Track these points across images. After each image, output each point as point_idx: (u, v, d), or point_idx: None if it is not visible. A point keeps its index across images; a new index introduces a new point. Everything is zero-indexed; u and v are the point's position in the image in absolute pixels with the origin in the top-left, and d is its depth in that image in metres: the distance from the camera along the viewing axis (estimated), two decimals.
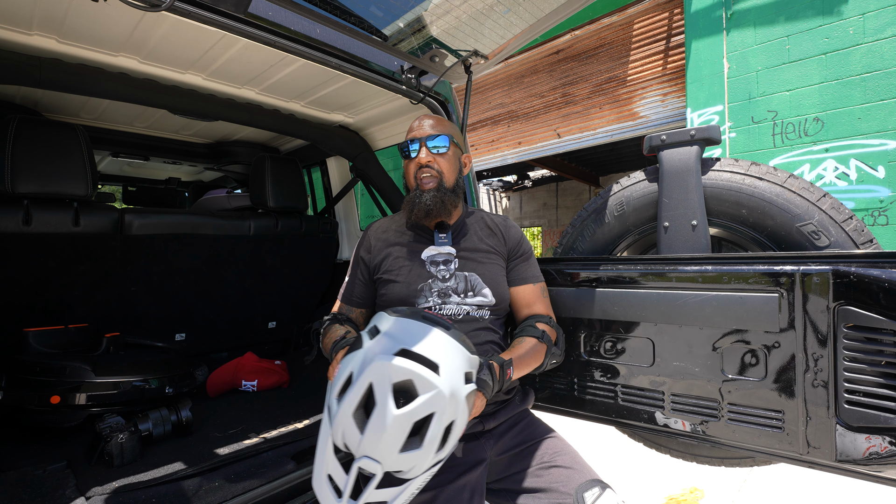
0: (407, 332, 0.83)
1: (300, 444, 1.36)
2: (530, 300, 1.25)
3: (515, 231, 1.29)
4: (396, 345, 0.80)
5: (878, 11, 3.12)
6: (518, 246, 1.27)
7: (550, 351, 1.17)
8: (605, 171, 9.21)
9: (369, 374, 0.77)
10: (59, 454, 1.31)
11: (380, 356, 0.78)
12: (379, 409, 0.75)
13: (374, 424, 0.75)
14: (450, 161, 1.20)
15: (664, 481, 2.39)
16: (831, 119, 3.30)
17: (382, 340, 0.82)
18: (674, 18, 4.25)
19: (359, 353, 0.82)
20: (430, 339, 0.83)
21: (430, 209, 1.15)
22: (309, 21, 1.27)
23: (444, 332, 0.85)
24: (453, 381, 0.79)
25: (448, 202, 1.17)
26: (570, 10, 1.36)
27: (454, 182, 1.21)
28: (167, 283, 1.93)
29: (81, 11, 1.20)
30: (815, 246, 1.20)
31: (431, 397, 0.76)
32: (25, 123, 1.47)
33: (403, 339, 0.81)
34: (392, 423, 0.74)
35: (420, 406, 0.75)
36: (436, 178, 1.17)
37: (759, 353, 1.08)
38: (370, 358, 0.79)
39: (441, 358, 0.80)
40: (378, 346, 0.81)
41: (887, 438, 0.93)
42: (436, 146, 1.18)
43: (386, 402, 0.75)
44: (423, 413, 0.76)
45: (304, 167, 2.63)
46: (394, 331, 0.84)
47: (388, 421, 0.74)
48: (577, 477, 1.03)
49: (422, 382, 0.76)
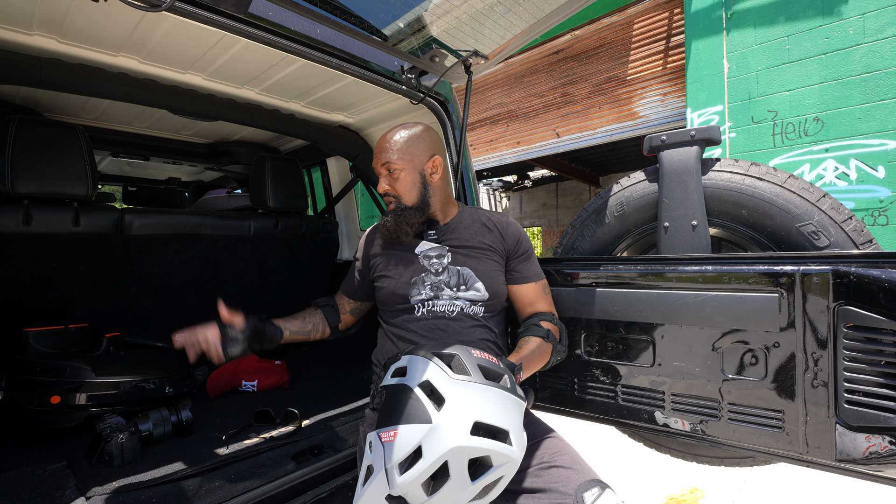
0: (473, 398, 0.81)
1: (300, 444, 1.36)
2: (533, 298, 1.25)
3: (515, 229, 1.29)
4: (468, 418, 0.78)
5: (878, 11, 3.12)
6: (518, 244, 1.27)
7: (556, 349, 1.18)
8: (605, 171, 9.20)
9: (446, 454, 0.76)
10: (59, 454, 1.31)
11: (456, 437, 0.76)
12: (454, 483, 0.76)
13: (446, 494, 0.77)
14: (405, 181, 1.22)
15: (664, 481, 2.39)
16: (831, 119, 3.31)
17: (450, 414, 0.79)
18: (674, 18, 4.25)
19: (428, 429, 0.78)
20: (496, 402, 0.82)
21: (389, 230, 1.23)
22: (309, 21, 1.27)
23: (504, 391, 0.84)
24: (521, 442, 0.82)
25: (405, 221, 1.22)
26: (570, 10, 1.36)
27: (416, 197, 1.23)
28: (167, 283, 1.93)
29: (81, 11, 1.20)
30: (814, 246, 1.20)
31: (506, 467, 0.79)
32: (25, 123, 1.47)
33: (471, 410, 0.79)
34: (467, 493, 0.77)
35: (496, 477, 0.79)
36: (394, 202, 1.24)
37: (759, 353, 1.08)
38: (445, 438, 0.76)
39: (509, 423, 0.81)
40: (449, 423, 0.78)
41: (887, 438, 0.93)
42: (390, 171, 1.22)
43: (463, 478, 0.76)
44: (496, 480, 0.79)
45: (304, 167, 2.63)
46: (460, 399, 0.81)
47: (463, 494, 0.77)
48: (577, 477, 1.03)
49: (498, 457, 0.78)
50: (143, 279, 1.85)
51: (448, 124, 1.72)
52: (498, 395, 0.83)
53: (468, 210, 1.34)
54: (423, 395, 0.82)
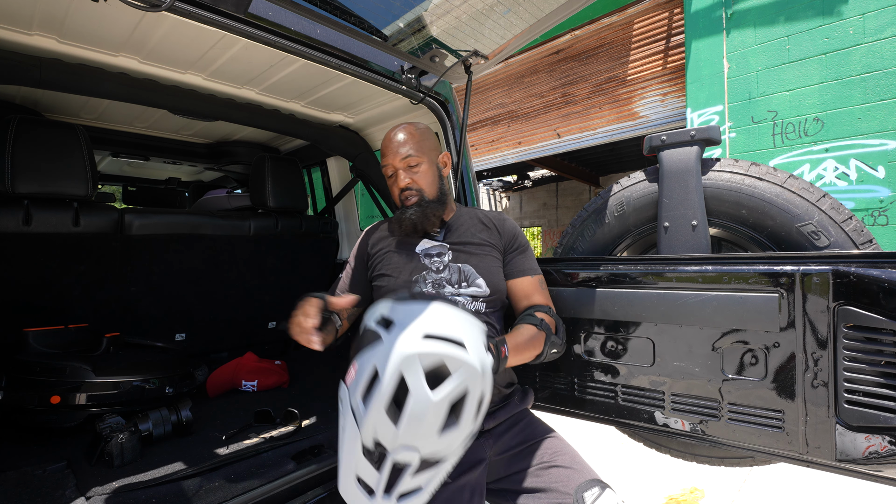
0: (420, 314, 0.80)
1: (300, 444, 1.36)
2: (529, 291, 1.25)
3: (510, 225, 1.30)
4: (417, 330, 0.77)
5: (878, 11, 3.12)
6: (514, 239, 1.28)
7: (550, 340, 1.14)
8: (605, 171, 9.21)
9: (398, 366, 0.74)
10: (59, 454, 1.31)
11: (405, 345, 0.75)
12: (414, 398, 0.73)
13: (410, 414, 0.73)
14: (426, 174, 1.22)
15: (664, 481, 2.39)
16: (831, 119, 3.30)
17: (399, 330, 0.79)
18: (674, 18, 4.25)
19: (379, 348, 0.78)
20: (447, 316, 0.81)
21: (415, 224, 1.20)
22: (309, 21, 1.27)
23: (457, 309, 0.84)
24: (480, 354, 0.79)
25: (431, 213, 1.21)
26: (570, 10, 1.36)
27: (436, 191, 1.24)
28: (167, 283, 1.93)
29: (81, 11, 1.20)
30: (814, 246, 1.20)
31: (465, 376, 0.75)
32: (25, 123, 1.47)
33: (420, 322, 0.79)
34: (431, 410, 0.73)
35: (456, 386, 0.74)
36: (417, 195, 1.21)
37: (759, 353, 1.08)
38: (394, 349, 0.76)
39: (464, 334, 0.79)
40: (398, 336, 0.77)
41: (887, 438, 0.93)
42: (410, 166, 1.21)
43: (421, 389, 0.73)
44: (458, 392, 0.75)
45: (304, 167, 2.63)
46: (406, 317, 0.80)
47: (426, 407, 0.72)
48: (577, 477, 1.03)
49: (453, 362, 0.75)
50: (143, 279, 1.85)
51: (448, 124, 1.72)
52: (453, 312, 0.82)
53: (465, 209, 1.35)
54: (376, 326, 0.83)
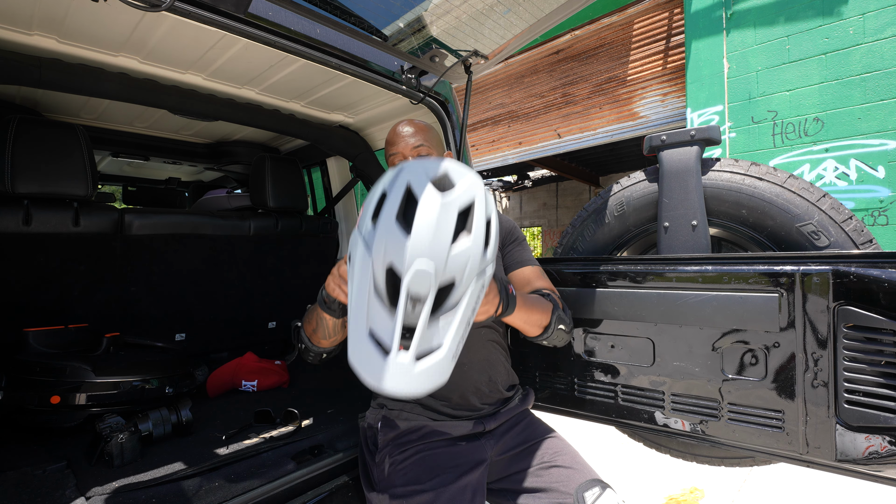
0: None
1: (300, 445, 1.36)
2: (530, 278, 1.23)
3: (506, 220, 1.31)
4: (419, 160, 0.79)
5: (878, 11, 3.12)
6: (510, 233, 1.29)
7: (556, 313, 1.11)
8: (605, 171, 9.21)
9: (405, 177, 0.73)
10: (59, 454, 1.31)
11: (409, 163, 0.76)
12: (425, 200, 0.71)
13: (421, 216, 0.71)
14: None
15: (664, 481, 2.39)
16: (831, 119, 3.31)
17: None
18: (674, 18, 4.25)
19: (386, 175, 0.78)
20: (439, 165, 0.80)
21: None
22: (309, 21, 1.27)
23: None
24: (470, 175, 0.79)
25: None
26: (570, 10, 1.36)
27: None
28: (167, 283, 1.93)
29: (81, 11, 1.20)
30: (814, 246, 1.20)
31: (469, 184, 0.75)
32: (25, 123, 1.47)
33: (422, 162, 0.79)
34: (440, 210, 0.71)
35: (462, 193, 0.74)
36: None
37: (759, 353, 1.08)
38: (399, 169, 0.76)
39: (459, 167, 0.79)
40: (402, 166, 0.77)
41: (887, 438, 0.93)
42: (420, 155, 1.19)
43: (429, 192, 0.72)
44: (465, 199, 0.74)
45: (304, 167, 2.63)
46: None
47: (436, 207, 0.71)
48: (578, 477, 1.03)
49: (456, 174, 0.76)
50: (143, 279, 1.85)
51: (448, 124, 1.72)
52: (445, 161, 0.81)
53: None
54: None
